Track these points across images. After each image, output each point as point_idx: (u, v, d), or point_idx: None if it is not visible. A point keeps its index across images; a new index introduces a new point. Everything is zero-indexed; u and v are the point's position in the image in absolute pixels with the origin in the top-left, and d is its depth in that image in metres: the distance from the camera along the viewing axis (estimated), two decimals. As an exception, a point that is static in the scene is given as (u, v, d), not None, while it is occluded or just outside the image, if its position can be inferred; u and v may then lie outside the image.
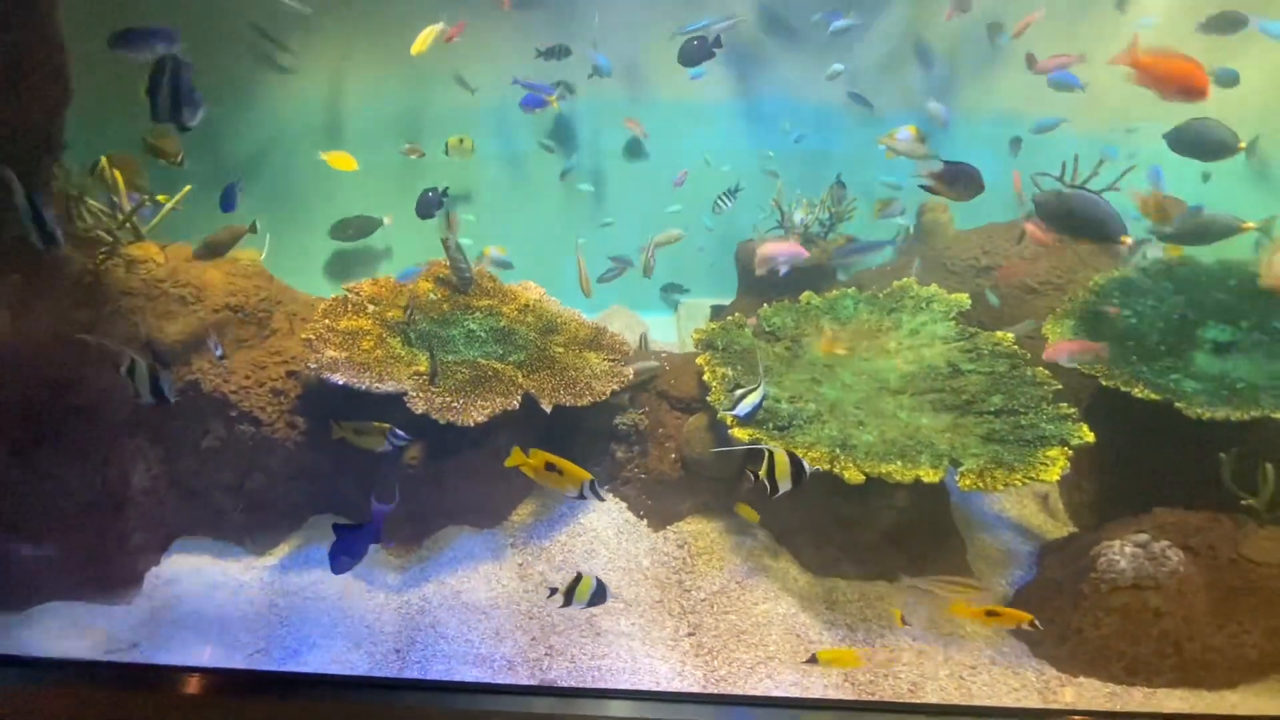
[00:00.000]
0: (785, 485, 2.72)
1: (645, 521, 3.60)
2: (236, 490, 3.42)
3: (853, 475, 3.07)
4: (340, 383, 3.25)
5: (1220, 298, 3.37)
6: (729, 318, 3.91)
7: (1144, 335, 3.33)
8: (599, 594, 2.62)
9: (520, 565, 3.41)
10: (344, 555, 2.82)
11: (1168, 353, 3.25)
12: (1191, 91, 2.50)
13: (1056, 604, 3.04)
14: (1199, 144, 3.11)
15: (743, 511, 3.41)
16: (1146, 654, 2.87)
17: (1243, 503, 2.92)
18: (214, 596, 3.17)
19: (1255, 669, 2.86)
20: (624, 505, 3.67)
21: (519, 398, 3.38)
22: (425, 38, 4.17)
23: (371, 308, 3.81)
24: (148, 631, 3.01)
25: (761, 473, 2.71)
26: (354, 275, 4.99)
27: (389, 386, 3.29)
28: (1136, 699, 2.83)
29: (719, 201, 4.12)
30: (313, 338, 3.44)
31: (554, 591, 2.71)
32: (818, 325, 3.82)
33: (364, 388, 3.26)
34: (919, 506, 3.27)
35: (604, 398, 3.51)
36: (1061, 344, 3.33)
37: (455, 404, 3.30)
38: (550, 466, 2.63)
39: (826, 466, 3.12)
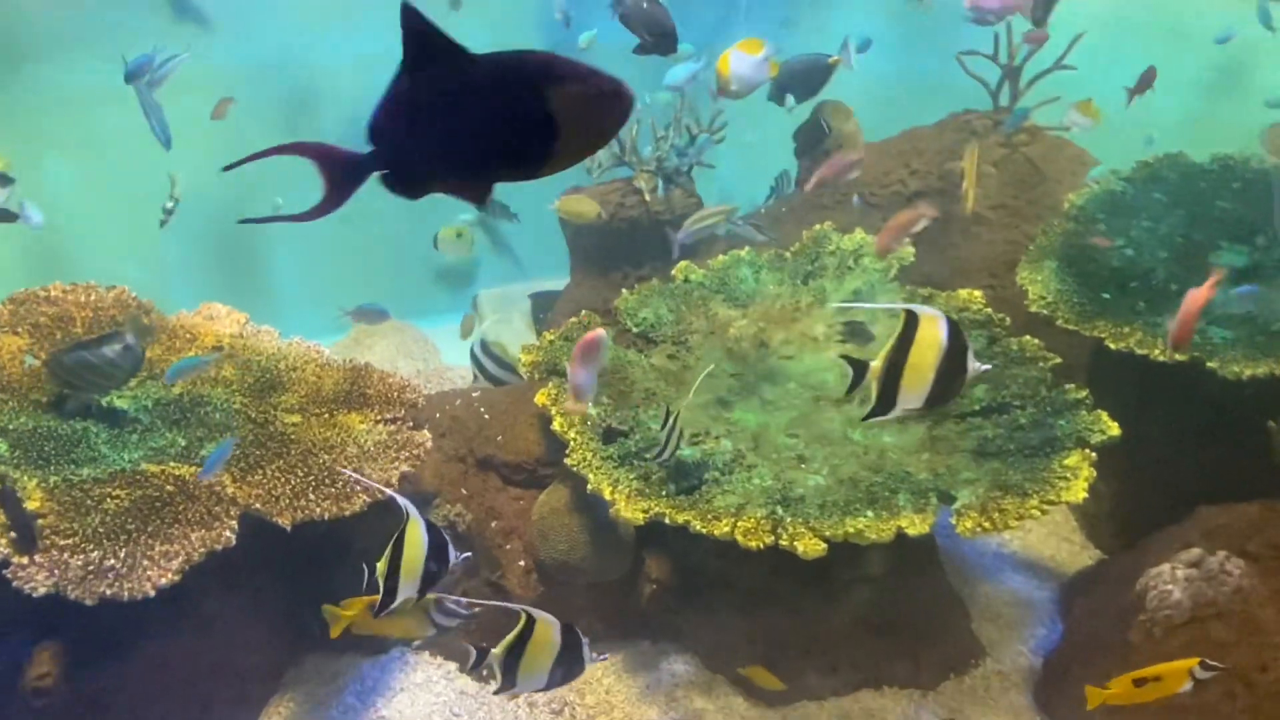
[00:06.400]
0: None
1: (493, 685, 2.22)
2: None
3: (809, 546, 1.98)
4: None
5: (1224, 207, 2.55)
6: (573, 320, 2.58)
7: (1149, 272, 2.44)
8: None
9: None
10: None
11: (1179, 293, 2.40)
12: None
13: (1100, 665, 2.22)
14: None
15: (757, 677, 2.14)
16: (1214, 700, 2.15)
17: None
18: None
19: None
20: (452, 666, 2.27)
21: (233, 523, 1.92)
22: None
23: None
24: None
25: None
26: None
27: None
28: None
29: None
30: None
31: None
32: (709, 313, 2.62)
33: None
34: (898, 568, 2.23)
35: (391, 490, 2.05)
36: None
37: (110, 562, 1.80)
38: None
39: (769, 539, 2.01)
